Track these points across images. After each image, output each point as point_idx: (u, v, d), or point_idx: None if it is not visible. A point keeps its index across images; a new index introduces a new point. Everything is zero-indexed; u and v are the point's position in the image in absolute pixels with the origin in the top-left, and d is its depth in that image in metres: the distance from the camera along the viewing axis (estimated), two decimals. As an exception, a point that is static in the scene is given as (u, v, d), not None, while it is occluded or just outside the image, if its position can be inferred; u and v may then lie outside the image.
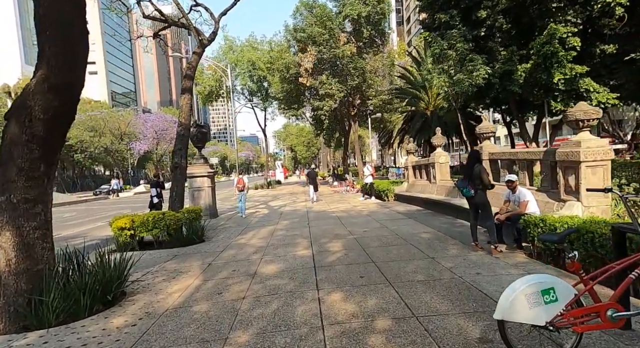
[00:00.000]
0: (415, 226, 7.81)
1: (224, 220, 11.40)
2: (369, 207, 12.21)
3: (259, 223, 10.20)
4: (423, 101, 31.33)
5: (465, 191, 5.17)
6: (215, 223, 10.73)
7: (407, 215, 9.52)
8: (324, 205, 14.10)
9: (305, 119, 35.37)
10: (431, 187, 11.05)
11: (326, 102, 21.98)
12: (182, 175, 8.56)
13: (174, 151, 8.82)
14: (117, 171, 59.11)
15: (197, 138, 11.81)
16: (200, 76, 27.73)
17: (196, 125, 11.76)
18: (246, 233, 8.52)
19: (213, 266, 5.57)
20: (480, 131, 7.77)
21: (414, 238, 6.47)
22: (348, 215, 10.56)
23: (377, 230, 7.67)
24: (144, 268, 5.64)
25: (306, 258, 5.63)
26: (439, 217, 8.73)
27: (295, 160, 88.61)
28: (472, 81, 13.26)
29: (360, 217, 9.83)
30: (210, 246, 7.25)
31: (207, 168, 11.93)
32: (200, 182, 11.81)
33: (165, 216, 7.39)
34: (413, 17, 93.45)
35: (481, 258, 4.91)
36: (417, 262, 4.95)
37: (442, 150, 10.83)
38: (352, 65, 22.65)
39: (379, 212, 10.64)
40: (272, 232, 8.40)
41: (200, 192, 11.82)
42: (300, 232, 8.15)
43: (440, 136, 10.86)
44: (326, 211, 11.94)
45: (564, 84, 14.53)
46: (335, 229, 8.14)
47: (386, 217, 9.47)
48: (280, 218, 10.77)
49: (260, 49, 28.03)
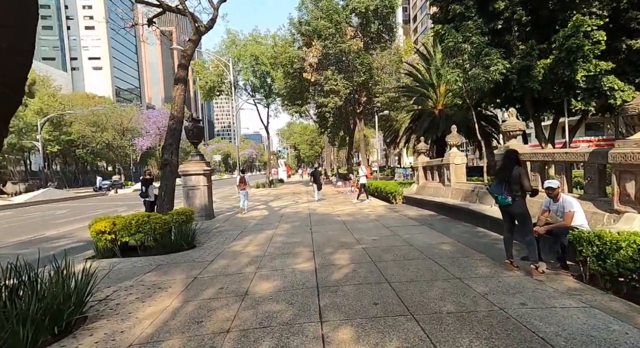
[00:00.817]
0: (431, 235, 6.94)
1: (221, 222, 10.60)
2: (376, 210, 11.35)
3: (257, 226, 9.39)
4: (431, 99, 30.33)
5: (500, 198, 4.30)
6: (210, 225, 9.93)
7: (419, 221, 8.65)
8: (328, 206, 13.26)
9: (309, 116, 34.55)
10: (445, 190, 10.17)
11: (331, 99, 21.12)
12: (173, 173, 7.76)
13: (163, 146, 8.02)
14: (118, 167, 58.69)
15: (192, 133, 11.01)
16: (202, 71, 26.97)
17: (192, 119, 10.96)
18: (242, 239, 7.71)
19: (198, 281, 4.75)
20: (506, 129, 6.88)
21: (433, 251, 5.61)
22: (354, 219, 9.71)
23: (388, 238, 6.82)
24: (119, 282, 4.84)
25: (307, 273, 4.79)
26: (456, 225, 7.86)
27: (299, 158, 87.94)
28: (488, 76, 12.34)
29: (368, 222, 8.98)
30: (200, 254, 6.44)
31: (203, 165, 11.13)
32: (196, 181, 11.01)
33: (151, 219, 6.58)
34: (420, 16, 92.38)
35: (520, 280, 4.05)
36: (441, 283, 4.10)
37: (458, 150, 9.95)
38: (359, 60, 21.79)
39: (388, 217, 9.78)
40: (270, 238, 7.58)
41: (195, 191, 11.02)
42: (301, 238, 7.32)
43: (456, 135, 9.97)
44: (330, 214, 11.11)
45: (585, 82, 13.56)
46: (341, 236, 7.30)
47: (396, 223, 8.61)
48: (280, 221, 9.95)
49: (264, 43, 27.20)
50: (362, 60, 21.82)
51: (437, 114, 29.36)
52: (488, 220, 6.90)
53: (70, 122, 49.08)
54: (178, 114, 8.43)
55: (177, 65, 9.26)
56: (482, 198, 7.95)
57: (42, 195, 24.30)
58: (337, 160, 59.11)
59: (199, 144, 11.55)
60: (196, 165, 11.09)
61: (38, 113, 45.07)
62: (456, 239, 6.37)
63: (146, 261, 6.04)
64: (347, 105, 26.31)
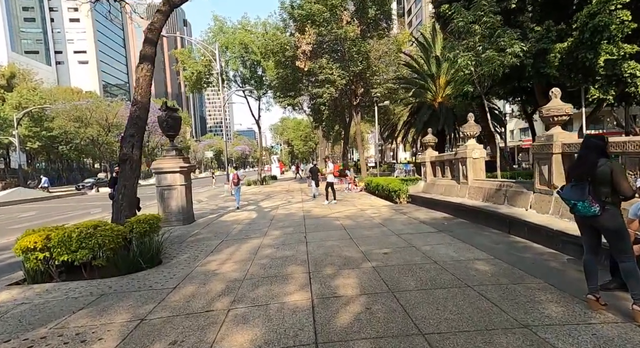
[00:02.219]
0: (456, 246, 5.56)
1: (200, 226, 9.11)
2: (380, 212, 9.96)
3: (242, 233, 7.93)
4: (430, 92, 29.00)
5: (581, 206, 2.91)
6: (187, 231, 8.44)
7: (434, 227, 7.28)
8: (325, 207, 11.84)
9: (303, 110, 32.99)
10: (460, 188, 8.81)
11: (326, 89, 19.60)
12: (134, 171, 6.25)
13: (123, 137, 6.49)
14: (104, 164, 56.56)
15: (167, 124, 9.46)
16: (188, 60, 25.19)
17: (166, 107, 9.39)
18: (221, 251, 6.25)
19: (144, 328, 3.29)
20: (549, 113, 5.51)
21: (468, 273, 4.23)
22: (356, 223, 8.31)
23: (403, 252, 5.42)
24: (28, 330, 3.36)
25: (301, 314, 3.37)
26: (481, 231, 6.50)
27: (292, 154, 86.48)
28: (503, 60, 10.97)
29: (373, 228, 7.58)
30: (162, 275, 4.98)
31: (180, 162, 9.61)
32: (171, 179, 9.49)
33: (98, 231, 5.08)
34: (414, 9, 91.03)
35: (623, 332, 2.67)
36: (503, 337, 2.70)
37: (476, 142, 8.57)
38: (355, 49, 20.25)
39: (396, 220, 8.39)
40: (255, 250, 6.14)
41: (171, 191, 9.51)
42: (294, 251, 5.89)
43: (473, 124, 8.59)
44: (328, 216, 9.69)
45: (605, 68, 12.30)
46: (343, 248, 5.89)
47: (408, 229, 7.22)
48: (270, 226, 8.50)
49: (254, 32, 25.48)
50: (359, 48, 20.29)
51: (436, 107, 28.06)
52: (525, 227, 5.55)
53: (52, 117, 46.74)
54: (142, 99, 6.89)
55: (143, 41, 7.69)
56: (511, 198, 6.59)
57: (9, 195, 22.39)
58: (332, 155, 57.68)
59: (175, 137, 10.01)
60: (172, 161, 9.56)
61: (17, 107, 42.76)
62: (491, 253, 5.00)
63: (87, 289, 4.56)
64: (342, 97, 24.82)
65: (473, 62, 11.18)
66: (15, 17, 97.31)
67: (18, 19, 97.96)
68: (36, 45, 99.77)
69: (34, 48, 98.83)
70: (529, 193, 6.15)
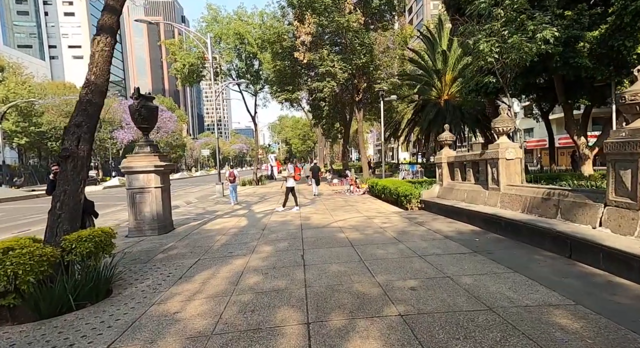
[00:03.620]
0: (508, 279, 4.10)
1: (178, 238, 7.62)
2: (391, 221, 8.50)
3: (225, 248, 6.45)
4: (435, 88, 27.61)
5: None
6: (159, 245, 6.95)
7: (465, 244, 5.82)
8: (325, 212, 10.37)
9: (301, 107, 31.49)
10: (488, 195, 7.36)
11: (327, 83, 18.12)
12: (78, 172, 4.76)
13: (66, 128, 4.99)
14: (96, 162, 54.87)
15: (139, 115, 7.95)
16: (179, 52, 23.60)
17: (138, 95, 7.87)
18: (191, 278, 4.78)
19: None
20: (636, 99, 4.07)
21: (550, 335, 2.76)
22: (364, 236, 6.85)
23: (436, 286, 3.96)
24: None
25: None
26: (532, 254, 5.04)
27: (290, 153, 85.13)
28: (532, 46, 9.54)
29: (387, 244, 6.12)
30: (99, 321, 3.50)
31: (156, 160, 8.10)
32: (144, 180, 7.99)
33: (9, 256, 3.59)
34: (415, 7, 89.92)
35: None
36: None
37: (509, 140, 7.11)
38: (359, 40, 18.78)
39: (412, 233, 6.93)
40: (237, 277, 4.67)
41: (144, 195, 8.00)
42: (288, 281, 4.42)
43: (506, 118, 7.12)
44: (329, 226, 8.22)
45: (637, 58, 10.93)
46: (354, 277, 4.43)
47: (432, 247, 5.76)
48: (260, 240, 7.02)
49: (250, 23, 23.95)
50: (362, 39, 18.82)
51: (442, 105, 26.65)
52: (601, 253, 4.11)
53: (42, 112, 45.03)
54: (97, 79, 5.39)
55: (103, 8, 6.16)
56: (568, 212, 5.15)
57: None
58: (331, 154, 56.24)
59: (150, 131, 8.49)
60: (145, 159, 8.05)
61: (3, 101, 41.03)
62: (566, 294, 3.53)
63: (-24, 349, 3.07)
64: (343, 93, 23.37)
65: (497, 48, 9.73)
66: (8, 10, 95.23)
67: (11, 11, 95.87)
68: (29, 39, 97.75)
69: (27, 42, 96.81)
70: (596, 206, 4.71)
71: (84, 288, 4.03)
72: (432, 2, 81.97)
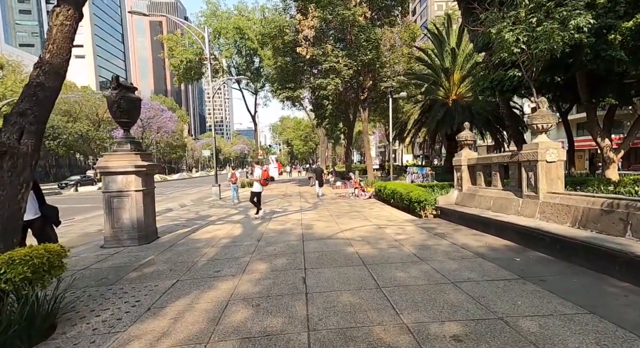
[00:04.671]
0: (589, 327, 3.02)
1: (159, 249, 6.56)
2: (406, 232, 7.41)
3: (211, 265, 5.39)
4: (443, 88, 26.55)
5: None
6: (134, 259, 5.89)
7: (505, 266, 4.73)
8: (330, 220, 9.29)
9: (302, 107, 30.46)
10: (523, 203, 6.27)
11: (331, 80, 17.08)
12: (18, 174, 3.73)
13: (5, 117, 3.96)
14: (93, 161, 54.02)
15: (119, 108, 6.91)
16: (176, 47, 22.63)
17: (117, 84, 6.83)
18: (162, 310, 3.71)
19: None
20: None
21: None
22: (378, 252, 5.76)
23: (487, 333, 2.87)
24: None
25: None
26: (599, 282, 3.95)
27: (292, 155, 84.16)
28: (565, 35, 8.48)
29: (408, 264, 5.04)
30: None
31: (137, 159, 7.06)
32: (123, 183, 6.94)
33: None
34: (419, 8, 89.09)
35: None
36: None
37: (550, 140, 6.02)
38: (364, 36, 17.77)
39: (435, 249, 5.84)
40: (220, 312, 3.59)
41: (123, 199, 6.95)
42: (284, 321, 3.34)
43: (546, 112, 6.04)
44: (335, 237, 7.15)
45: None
46: (372, 314, 3.34)
47: (465, 269, 4.67)
48: (253, 255, 5.95)
49: (251, 18, 22.97)
50: (368, 35, 17.80)
51: (450, 105, 25.58)
52: None
53: (39, 110, 44.23)
54: (54, 59, 4.38)
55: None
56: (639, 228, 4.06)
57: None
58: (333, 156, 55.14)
59: (131, 126, 7.45)
60: (124, 158, 7.01)
61: (0, 99, 40.31)
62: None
63: None
64: (347, 92, 22.34)
65: (525, 37, 8.67)
66: (10, 9, 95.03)
67: (13, 10, 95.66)
68: (32, 38, 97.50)
69: (29, 41, 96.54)
70: (688, 222, 3.62)
71: (14, 328, 2.99)
72: (436, 4, 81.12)
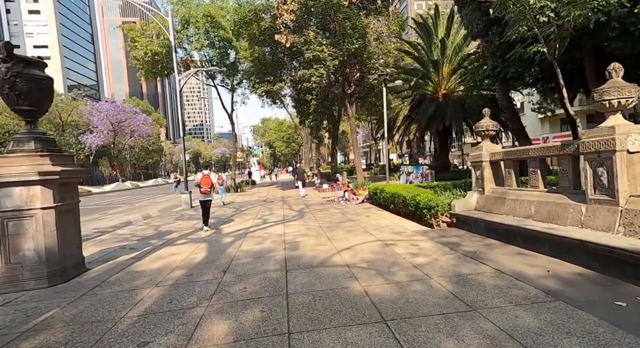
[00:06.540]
0: None
1: (73, 296, 4.45)
2: (422, 249, 5.59)
3: (137, 329, 3.35)
4: (432, 82, 25.19)
5: None
6: (21, 320, 3.76)
7: (615, 322, 2.97)
8: (321, 233, 7.36)
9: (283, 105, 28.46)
10: (589, 211, 4.56)
11: (315, 71, 15.21)
12: None
13: None
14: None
15: (12, 89, 4.75)
16: (140, 38, 20.18)
17: (9, 55, 4.70)
18: None
19: None
20: None
21: None
22: (397, 291, 3.89)
23: None
24: None
25: None
26: None
27: (275, 157, 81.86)
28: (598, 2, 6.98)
29: (452, 317, 3.19)
30: None
31: (44, 163, 4.92)
32: (22, 198, 4.78)
33: None
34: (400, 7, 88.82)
35: None
36: None
37: (630, 123, 4.35)
38: (350, 23, 16.04)
39: (479, 283, 4.03)
40: None
41: (23, 222, 4.79)
42: None
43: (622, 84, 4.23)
44: (331, 262, 5.23)
45: None
46: None
47: (548, 327, 2.86)
48: (212, 300, 3.95)
49: (224, 7, 20.83)
50: (354, 22, 16.08)
51: (440, 100, 24.25)
52: None
53: (-7, 115, 40.22)
54: None
55: None
56: None
57: None
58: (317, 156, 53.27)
59: (37, 116, 5.29)
60: (25, 161, 4.85)
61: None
62: None
63: None
64: (332, 86, 20.55)
65: (553, 3, 7.10)
66: None
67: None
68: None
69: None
70: None
71: None
72: (416, 3, 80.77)
